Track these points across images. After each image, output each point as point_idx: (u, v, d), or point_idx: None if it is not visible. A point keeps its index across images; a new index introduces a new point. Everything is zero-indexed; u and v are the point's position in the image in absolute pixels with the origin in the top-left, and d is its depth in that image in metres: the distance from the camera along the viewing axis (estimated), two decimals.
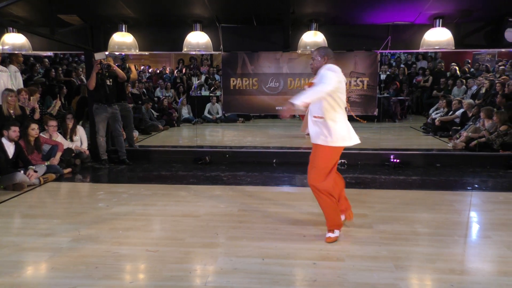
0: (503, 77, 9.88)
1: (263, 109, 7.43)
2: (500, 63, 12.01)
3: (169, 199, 4.69)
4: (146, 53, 6.93)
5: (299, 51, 6.40)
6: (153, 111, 10.44)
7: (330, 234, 3.47)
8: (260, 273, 2.94)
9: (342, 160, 6.36)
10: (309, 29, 6.30)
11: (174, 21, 6.46)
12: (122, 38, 6.26)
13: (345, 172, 5.98)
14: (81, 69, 10.18)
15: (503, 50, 6.75)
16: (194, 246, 3.40)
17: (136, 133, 8.19)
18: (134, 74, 7.02)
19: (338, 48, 6.65)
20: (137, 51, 6.47)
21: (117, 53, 6.91)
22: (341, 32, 6.59)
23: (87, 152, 6.63)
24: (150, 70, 14.39)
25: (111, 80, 6.36)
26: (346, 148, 3.42)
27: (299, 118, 12.35)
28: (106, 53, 6.37)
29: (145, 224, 3.91)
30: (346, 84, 3.48)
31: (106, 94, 6.30)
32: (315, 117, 3.38)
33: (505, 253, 3.24)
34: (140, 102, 10.27)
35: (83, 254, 3.24)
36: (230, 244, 3.42)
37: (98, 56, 6.15)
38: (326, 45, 6.26)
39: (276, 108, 7.21)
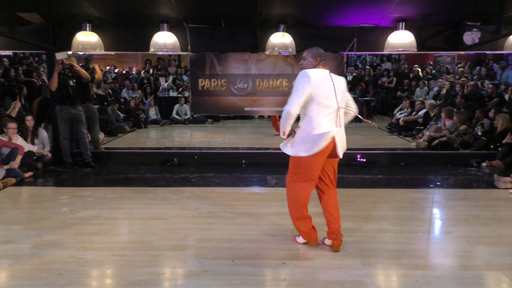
0: (462, 78, 10.31)
1: (232, 110, 7.42)
2: (459, 65, 12.53)
3: (137, 202, 4.60)
4: (112, 53, 6.78)
5: (267, 52, 6.44)
6: (119, 112, 10.22)
7: (296, 237, 3.49)
8: (230, 274, 2.93)
9: None
10: (277, 30, 6.35)
11: (141, 21, 6.36)
12: (86, 38, 6.10)
13: None
14: (42, 69, 9.84)
15: (462, 52, 7.03)
16: (162, 249, 3.35)
17: (101, 135, 7.99)
18: (98, 74, 6.85)
19: (306, 49, 6.73)
20: (102, 51, 6.31)
21: (81, 53, 6.72)
22: (308, 34, 6.68)
23: (50, 155, 6.41)
24: (116, 71, 14.09)
25: (74, 80, 6.18)
26: None
27: (268, 118, 12.43)
28: (69, 52, 6.18)
29: (111, 228, 3.82)
30: None
31: (69, 95, 6.11)
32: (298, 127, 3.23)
33: (465, 248, 3.37)
34: (105, 103, 10.03)
35: (46, 261, 3.13)
36: (199, 246, 3.40)
37: (60, 55, 5.96)
38: (294, 46, 6.33)
39: (245, 108, 7.22)
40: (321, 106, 3.07)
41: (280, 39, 6.28)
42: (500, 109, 7.55)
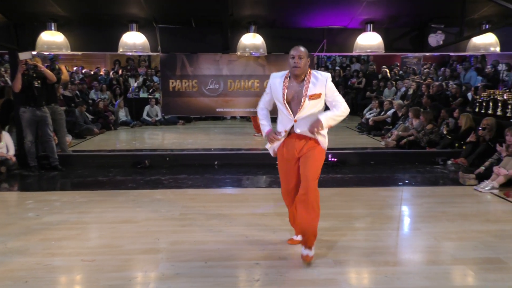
0: (428, 80, 10.63)
1: (204, 111, 7.38)
2: (425, 66, 12.91)
3: (106, 206, 4.50)
4: (79, 53, 6.61)
5: (239, 53, 6.43)
6: (87, 114, 9.99)
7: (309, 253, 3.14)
8: (203, 276, 2.91)
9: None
10: (248, 31, 6.35)
11: (109, 21, 6.22)
12: (52, 37, 5.92)
13: None
14: (3, 69, 9.49)
15: (427, 54, 7.26)
16: (133, 253, 3.29)
17: (69, 138, 7.79)
18: (65, 75, 6.66)
19: (277, 51, 6.78)
20: (69, 51, 6.14)
21: (46, 53, 6.52)
22: (279, 35, 6.72)
23: (14, 159, 6.17)
24: (83, 71, 13.74)
25: (39, 81, 5.99)
26: None
27: (240, 119, 12.44)
28: (34, 52, 5.98)
29: (80, 233, 3.72)
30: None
31: (34, 96, 5.91)
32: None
33: (433, 244, 3.48)
34: (73, 104, 9.78)
35: (11, 268, 3.01)
36: (172, 249, 3.35)
37: (23, 56, 5.75)
38: (265, 47, 6.36)
39: (217, 109, 7.19)
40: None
41: (251, 40, 6.29)
42: (464, 108, 7.83)
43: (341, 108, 3.05)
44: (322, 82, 3.03)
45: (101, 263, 3.10)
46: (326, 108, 3.15)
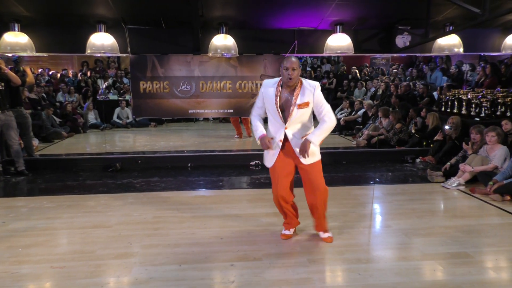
0: (396, 80, 10.89)
1: (176, 113, 7.31)
2: (393, 67, 13.23)
3: (76, 211, 4.38)
4: (45, 54, 6.42)
5: (210, 54, 6.41)
6: (55, 117, 9.72)
7: (328, 235, 3.55)
8: (177, 279, 2.88)
9: (257, 161, 6.49)
10: (219, 32, 6.34)
11: (75, 21, 6.08)
12: (15, 39, 5.73)
13: (258, 172, 6.12)
14: None
15: (395, 55, 7.45)
16: (105, 258, 3.22)
17: (35, 141, 7.55)
18: (30, 77, 6.44)
19: (248, 52, 6.80)
20: (34, 52, 5.96)
21: (9, 55, 6.29)
22: (250, 36, 6.74)
23: None
24: (50, 73, 13.34)
25: (2, 84, 5.77)
26: (260, 149, 3.49)
27: (214, 120, 12.39)
28: None
29: (48, 239, 3.61)
30: (257, 87, 3.48)
31: None
32: (304, 137, 3.24)
33: (403, 240, 3.56)
34: (39, 107, 9.48)
35: None
36: (145, 253, 3.30)
37: None
38: (236, 48, 6.36)
39: (189, 111, 7.14)
40: None
41: (223, 41, 6.28)
42: (431, 108, 8.07)
43: (327, 121, 3.19)
44: (310, 91, 3.18)
45: (71, 270, 3.02)
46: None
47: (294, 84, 3.19)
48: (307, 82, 3.23)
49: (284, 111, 3.21)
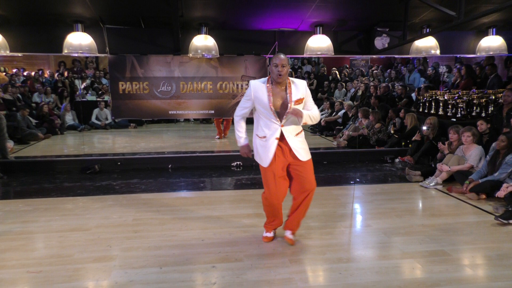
0: (375, 83, 11.04)
1: (156, 114, 7.25)
2: (373, 68, 13.42)
3: (54, 214, 4.29)
4: (19, 54, 6.27)
5: (191, 55, 6.38)
6: (31, 118, 9.49)
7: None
8: (158, 282, 2.85)
9: (238, 162, 6.49)
10: (199, 33, 6.32)
11: (51, 20, 5.96)
12: None
13: (240, 173, 6.12)
14: None
15: (374, 56, 7.57)
16: (84, 261, 3.16)
17: (10, 143, 7.36)
18: (1, 77, 6.29)
19: (229, 52, 6.80)
20: (8, 52, 5.81)
21: None
22: (231, 37, 6.74)
23: None
24: (25, 73, 13.03)
25: None
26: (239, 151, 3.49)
27: (194, 121, 12.32)
28: None
29: (24, 243, 3.52)
30: (238, 88, 3.48)
31: None
32: (297, 134, 3.32)
33: (383, 239, 3.62)
34: (14, 108, 9.24)
35: None
36: (125, 256, 3.26)
37: None
38: (217, 49, 6.35)
39: (170, 112, 7.08)
40: None
41: (203, 41, 6.26)
42: (409, 108, 8.22)
43: (316, 112, 3.33)
44: (302, 88, 3.25)
45: (48, 274, 2.96)
46: None
47: (283, 81, 3.19)
48: (296, 80, 3.29)
49: (279, 110, 3.21)
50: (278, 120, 3.22)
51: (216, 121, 8.94)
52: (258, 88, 3.24)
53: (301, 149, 3.31)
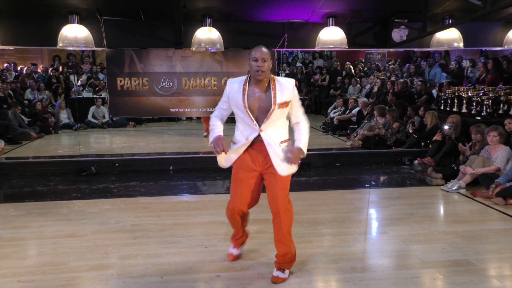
0: (392, 77, 11.00)
1: (156, 112, 7.29)
2: (390, 62, 13.36)
3: (47, 219, 4.32)
4: (11, 48, 6.33)
5: (193, 49, 6.40)
6: (23, 116, 9.57)
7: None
8: None
9: None
10: (202, 25, 6.33)
11: (45, 12, 6.02)
12: None
13: None
14: None
15: (391, 49, 7.53)
16: (79, 270, 3.18)
17: (1, 143, 7.46)
18: None
19: (235, 46, 6.81)
20: None
21: None
22: (237, 29, 6.74)
23: None
24: (19, 69, 13.15)
25: None
26: None
27: (197, 119, 12.35)
28: None
29: (16, 251, 3.55)
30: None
31: None
32: (282, 142, 3.00)
33: (401, 247, 3.60)
34: (5, 106, 9.34)
35: None
36: (123, 264, 3.27)
37: None
38: (222, 42, 6.35)
39: (171, 110, 7.11)
40: None
41: (207, 34, 6.27)
42: (429, 106, 8.17)
43: (307, 124, 3.03)
44: (289, 89, 2.94)
45: (41, 284, 2.98)
46: None
47: (263, 78, 2.89)
48: (282, 79, 2.99)
49: (258, 112, 2.93)
50: (255, 124, 2.92)
51: (204, 119, 8.95)
52: (234, 86, 2.97)
53: (282, 162, 2.95)
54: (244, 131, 3.02)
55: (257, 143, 3.00)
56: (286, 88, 2.94)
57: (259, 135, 2.96)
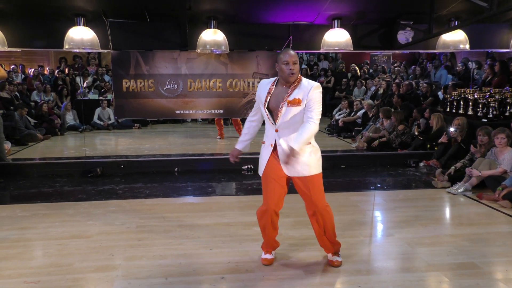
0: (397, 80, 10.96)
1: (162, 114, 7.30)
2: (395, 64, 13.32)
3: (53, 220, 4.35)
4: (18, 50, 6.37)
5: (199, 50, 6.41)
6: (29, 118, 9.64)
7: (337, 258, 3.33)
8: None
9: (249, 166, 6.48)
10: (208, 27, 6.34)
11: (52, 14, 6.05)
12: None
13: (251, 178, 6.10)
14: None
15: (396, 51, 7.51)
16: (85, 271, 3.19)
17: (8, 145, 7.48)
18: (2, 73, 6.39)
19: (240, 48, 6.81)
20: (6, 47, 5.91)
21: None
22: (242, 31, 6.75)
23: None
24: (27, 71, 13.23)
25: None
26: (253, 153, 3.48)
27: (202, 121, 12.37)
28: None
29: (22, 252, 3.57)
30: (249, 86, 3.36)
31: None
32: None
33: (406, 250, 3.58)
34: (12, 107, 9.40)
35: None
36: (128, 265, 3.28)
37: None
38: (227, 44, 6.36)
39: (176, 111, 7.12)
40: None
41: (212, 36, 6.28)
42: (435, 108, 8.13)
43: (312, 124, 2.97)
44: (306, 89, 2.97)
45: (47, 285, 2.99)
46: None
47: (295, 79, 2.98)
48: (307, 80, 3.04)
49: (274, 110, 3.02)
50: (272, 123, 3.02)
51: (217, 120, 9.01)
52: (263, 85, 3.11)
53: (300, 163, 3.04)
54: (267, 131, 3.15)
55: (274, 145, 3.11)
56: (303, 88, 3.00)
57: (275, 136, 3.07)
